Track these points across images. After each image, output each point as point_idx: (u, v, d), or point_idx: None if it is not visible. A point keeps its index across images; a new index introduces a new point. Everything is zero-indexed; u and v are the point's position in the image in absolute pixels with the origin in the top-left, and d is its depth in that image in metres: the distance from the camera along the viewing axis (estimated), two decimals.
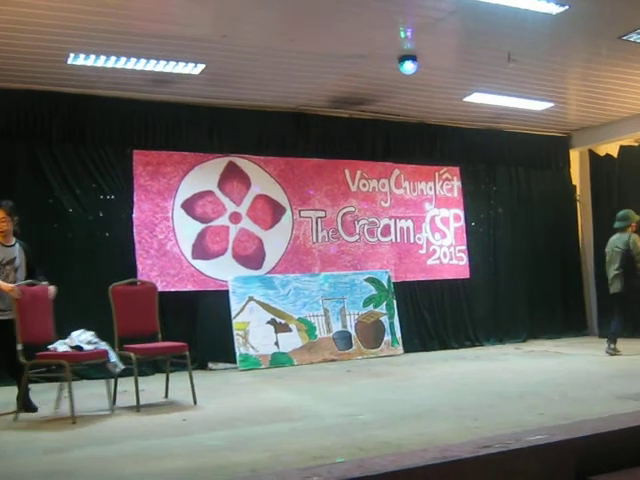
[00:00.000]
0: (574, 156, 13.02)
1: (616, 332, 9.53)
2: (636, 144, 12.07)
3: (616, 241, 9.88)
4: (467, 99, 10.33)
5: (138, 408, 6.32)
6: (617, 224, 9.99)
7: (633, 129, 11.67)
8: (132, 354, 6.46)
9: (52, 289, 6.67)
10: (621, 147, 12.18)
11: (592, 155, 12.68)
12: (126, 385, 6.66)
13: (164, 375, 7.12)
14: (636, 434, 3.42)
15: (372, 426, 5.22)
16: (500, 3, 6.87)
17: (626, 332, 10.64)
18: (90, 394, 7.10)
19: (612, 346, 9.42)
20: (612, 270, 9.76)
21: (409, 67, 8.38)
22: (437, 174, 11.67)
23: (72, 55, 7.81)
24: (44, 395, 6.74)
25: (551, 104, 10.77)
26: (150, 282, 7.93)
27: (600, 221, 12.43)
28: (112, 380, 6.56)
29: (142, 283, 7.75)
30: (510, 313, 11.90)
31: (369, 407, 6.08)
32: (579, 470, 3.17)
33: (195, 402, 6.58)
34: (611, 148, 12.37)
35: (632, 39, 8.03)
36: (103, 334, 7.08)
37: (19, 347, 6.11)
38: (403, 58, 8.32)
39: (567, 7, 7.03)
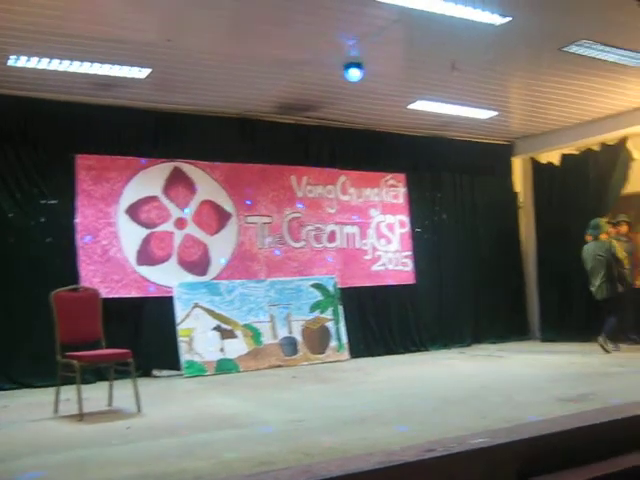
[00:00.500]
0: (517, 164, 13.27)
1: (611, 330, 9.90)
2: (577, 152, 12.34)
3: (596, 249, 10.28)
4: (411, 106, 10.44)
5: (81, 417, 6.21)
6: (591, 232, 10.35)
7: (574, 138, 11.95)
8: (75, 362, 6.35)
9: None
10: (563, 155, 12.45)
11: (534, 163, 12.93)
12: (68, 393, 6.54)
13: (107, 383, 7.02)
14: (576, 436, 3.50)
15: (317, 432, 5.22)
16: (444, 13, 6.97)
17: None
18: (31, 402, 6.98)
19: (609, 344, 9.80)
20: (599, 277, 10.14)
21: (354, 74, 8.39)
22: (383, 180, 11.77)
23: (13, 57, 7.66)
24: None
25: (495, 113, 10.96)
26: (93, 288, 7.81)
27: (542, 227, 12.70)
28: None
29: (85, 289, 7.62)
30: (455, 318, 12.04)
31: (314, 413, 6.08)
32: (521, 472, 3.22)
33: (139, 410, 6.50)
34: (553, 156, 12.62)
35: (572, 50, 8.23)
36: (45, 341, 6.97)
37: None
38: (348, 65, 8.36)
39: (510, 19, 7.17)
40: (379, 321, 11.36)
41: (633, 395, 5.79)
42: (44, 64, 7.88)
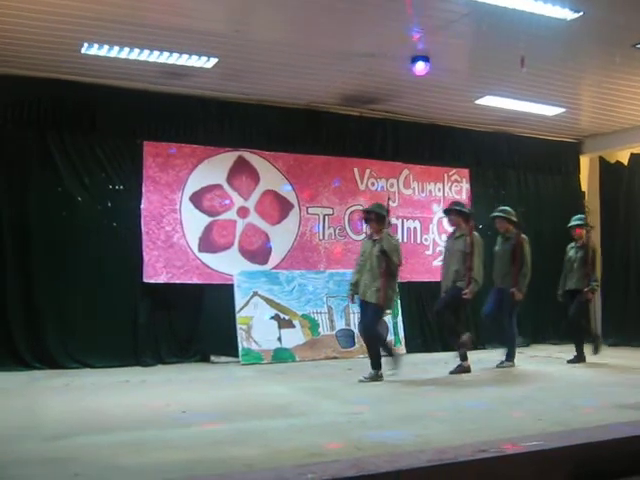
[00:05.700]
0: (584, 162, 12.98)
1: None
2: None
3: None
4: (479, 102, 10.32)
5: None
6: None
7: None
8: None
9: None
10: (632, 155, 12.15)
11: (602, 162, 12.64)
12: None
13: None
14: (632, 443, 3.44)
15: (370, 425, 5.22)
16: (515, 7, 6.87)
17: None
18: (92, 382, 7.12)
19: None
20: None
21: (421, 68, 8.37)
22: (446, 175, 11.66)
23: (86, 44, 7.83)
24: None
25: (563, 110, 10.75)
26: None
27: (608, 228, 12.40)
28: None
29: None
30: None
31: (368, 406, 6.08)
32: (574, 477, 3.18)
33: None
34: (622, 155, 12.33)
35: None
36: (108, 322, 7.12)
37: None
38: (415, 58, 8.32)
39: (581, 13, 7.02)
40: None
41: None
42: (115, 52, 8.04)
